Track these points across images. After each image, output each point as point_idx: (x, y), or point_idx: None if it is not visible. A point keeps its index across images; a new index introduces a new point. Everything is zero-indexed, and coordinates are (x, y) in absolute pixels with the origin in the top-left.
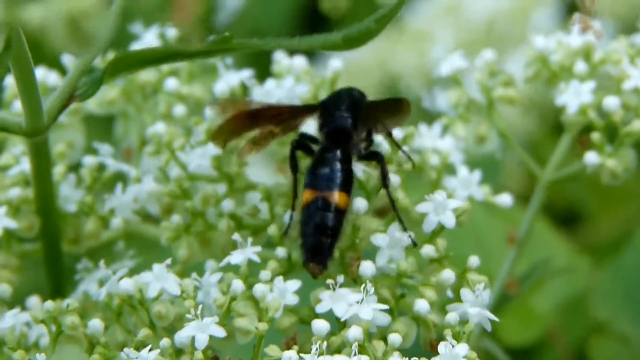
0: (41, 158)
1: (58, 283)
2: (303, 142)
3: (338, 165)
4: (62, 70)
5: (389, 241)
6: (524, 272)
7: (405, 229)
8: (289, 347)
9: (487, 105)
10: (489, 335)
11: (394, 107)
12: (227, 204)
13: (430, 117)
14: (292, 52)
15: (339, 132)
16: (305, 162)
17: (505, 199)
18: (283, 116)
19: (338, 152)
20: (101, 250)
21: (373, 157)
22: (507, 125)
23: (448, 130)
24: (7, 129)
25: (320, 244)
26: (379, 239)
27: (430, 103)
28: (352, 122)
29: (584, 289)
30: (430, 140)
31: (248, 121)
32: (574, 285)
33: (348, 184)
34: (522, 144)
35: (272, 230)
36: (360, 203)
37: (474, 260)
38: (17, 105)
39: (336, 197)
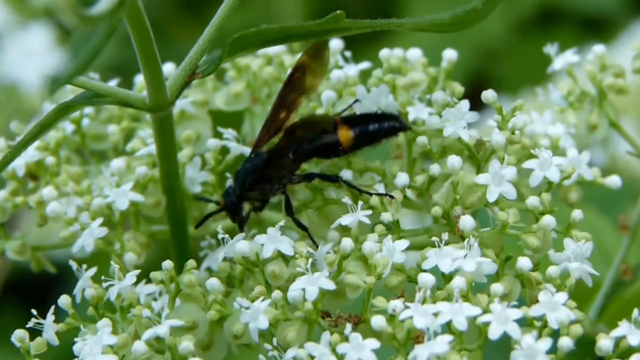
0: (165, 135)
1: (184, 259)
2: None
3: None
4: None
5: (492, 177)
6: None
7: None
8: None
9: (597, 94)
10: None
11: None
12: (345, 174)
13: None
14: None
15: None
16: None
17: (614, 180)
18: None
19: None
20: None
21: None
22: None
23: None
24: (132, 105)
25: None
26: (482, 178)
27: (545, 98)
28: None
29: None
30: (542, 126)
31: None
32: None
33: None
34: None
35: (374, 200)
36: (454, 159)
37: (577, 214)
38: None
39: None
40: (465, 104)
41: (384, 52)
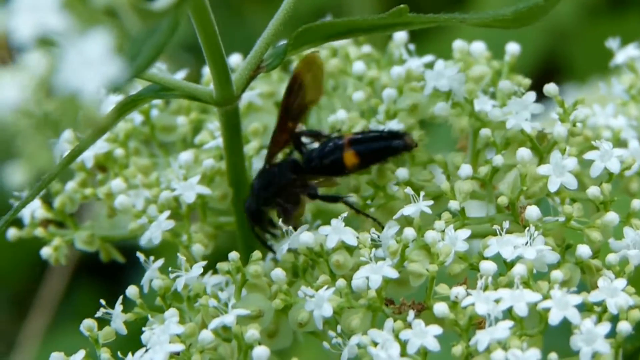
0: (232, 128)
1: (250, 250)
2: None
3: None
4: None
5: (553, 168)
6: None
7: None
8: None
9: None
10: None
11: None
12: (402, 173)
13: None
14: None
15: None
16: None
17: None
18: None
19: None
20: None
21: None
22: None
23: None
24: (199, 98)
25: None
26: (543, 169)
27: (606, 91)
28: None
29: None
30: (604, 119)
31: None
32: None
33: None
34: None
35: (445, 186)
36: (524, 152)
37: (637, 204)
38: None
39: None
40: (531, 95)
41: (457, 44)
